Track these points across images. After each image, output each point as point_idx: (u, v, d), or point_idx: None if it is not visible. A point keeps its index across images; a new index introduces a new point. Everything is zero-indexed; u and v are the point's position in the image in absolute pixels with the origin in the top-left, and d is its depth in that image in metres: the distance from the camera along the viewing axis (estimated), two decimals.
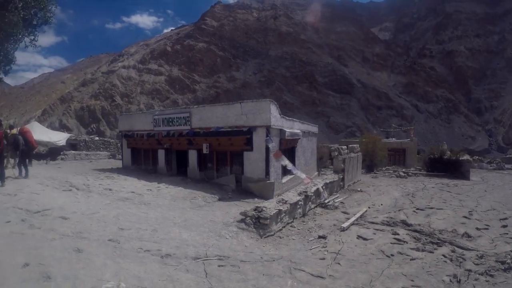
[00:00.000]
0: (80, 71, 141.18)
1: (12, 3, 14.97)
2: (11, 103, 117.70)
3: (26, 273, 4.17)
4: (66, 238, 5.62)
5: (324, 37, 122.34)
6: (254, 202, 10.30)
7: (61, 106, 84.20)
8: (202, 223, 7.22)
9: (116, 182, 12.59)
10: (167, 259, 5.03)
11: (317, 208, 10.35)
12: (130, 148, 18.82)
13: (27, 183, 10.73)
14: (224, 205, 9.82)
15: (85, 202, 8.67)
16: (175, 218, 7.52)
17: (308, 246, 6.36)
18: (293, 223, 8.34)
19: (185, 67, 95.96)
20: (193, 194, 10.80)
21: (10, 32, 15.12)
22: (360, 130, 79.06)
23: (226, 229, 6.89)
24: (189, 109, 14.91)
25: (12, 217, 6.58)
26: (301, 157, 16.70)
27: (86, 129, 74.20)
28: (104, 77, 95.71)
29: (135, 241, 5.64)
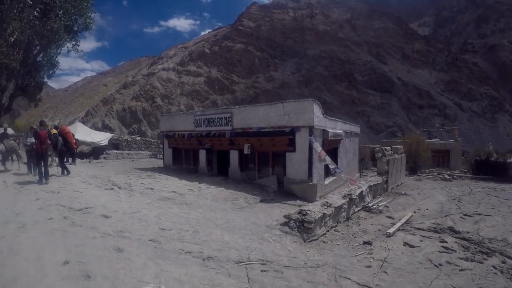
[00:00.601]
0: (121, 74, 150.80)
1: (53, 12, 16.50)
2: (55, 105, 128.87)
3: (65, 271, 4.28)
4: (107, 237, 5.78)
5: (362, 35, 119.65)
6: (297, 204, 10.29)
7: (104, 108, 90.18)
8: (245, 225, 7.16)
9: (157, 182, 12.95)
10: (209, 262, 5.01)
11: (361, 212, 10.24)
12: (172, 148, 19.49)
13: (71, 181, 11.38)
14: (266, 207, 9.79)
15: (126, 201, 8.96)
16: (217, 219, 7.51)
17: (353, 252, 6.32)
18: (337, 227, 8.25)
19: (224, 68, 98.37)
20: (234, 195, 10.86)
21: (52, 38, 16.59)
22: (401, 130, 76.97)
23: (269, 232, 6.84)
24: (230, 110, 15.23)
25: (55, 214, 6.93)
26: (343, 158, 16.74)
27: (128, 129, 78.68)
28: (145, 79, 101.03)
29: (176, 242, 5.67)
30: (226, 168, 15.36)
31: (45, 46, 17.51)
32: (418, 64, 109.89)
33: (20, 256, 4.67)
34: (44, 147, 10.65)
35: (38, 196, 8.55)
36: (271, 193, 11.80)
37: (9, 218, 6.46)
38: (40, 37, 16.09)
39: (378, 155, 14.87)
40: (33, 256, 4.67)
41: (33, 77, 18.97)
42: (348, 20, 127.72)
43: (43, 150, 10.62)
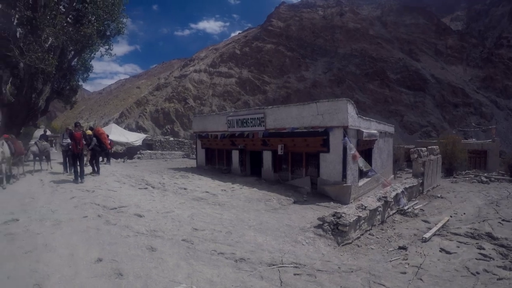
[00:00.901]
0: (153, 76, 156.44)
1: (86, 18, 17.42)
2: (91, 107, 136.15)
3: (98, 269, 4.37)
4: (140, 236, 5.88)
5: (393, 31, 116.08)
6: (330, 206, 10.21)
7: (137, 109, 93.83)
8: (278, 227, 7.10)
9: (190, 182, 13.15)
10: (241, 263, 4.97)
11: (396, 215, 9.96)
12: (204, 148, 19.85)
13: (105, 180, 11.86)
14: (300, 208, 9.73)
15: (160, 201, 9.13)
16: (250, 220, 7.49)
17: (387, 257, 6.22)
18: (372, 230, 8.06)
19: (255, 68, 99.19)
20: (267, 195, 10.85)
21: (86, 43, 17.47)
22: (436, 130, 73.80)
23: (303, 234, 6.74)
24: (263, 110, 15.32)
25: (89, 213, 7.20)
26: (377, 159, 16.54)
27: (161, 130, 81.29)
28: (177, 81, 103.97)
29: (209, 243, 5.67)
30: (259, 169, 15.42)
31: (79, 51, 18.50)
32: (451, 60, 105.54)
33: (54, 252, 4.84)
34: (79, 148, 11.21)
35: (74, 195, 8.94)
36: (305, 195, 11.79)
37: (45, 215, 6.76)
38: (74, 42, 16.95)
39: (413, 156, 14.50)
40: (67, 253, 4.82)
41: (68, 81, 20.17)
42: (379, 17, 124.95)
43: (78, 151, 11.18)
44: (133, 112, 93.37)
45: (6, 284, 3.93)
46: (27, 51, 14.28)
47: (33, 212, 6.95)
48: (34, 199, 8.20)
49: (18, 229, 5.80)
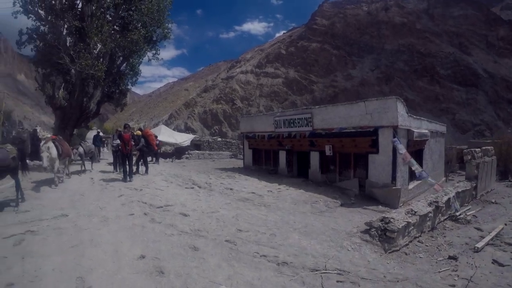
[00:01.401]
0: (201, 78, 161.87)
1: (132, 24, 18.62)
2: (141, 110, 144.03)
3: (140, 265, 4.51)
4: (184, 235, 6.00)
5: (441, 24, 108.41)
6: (378, 210, 9.89)
7: (186, 111, 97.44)
8: (323, 231, 6.90)
9: (237, 182, 13.28)
10: (283, 267, 4.87)
11: (447, 221, 9.45)
12: (251, 148, 20.07)
13: (153, 179, 12.34)
14: (347, 211, 9.48)
15: (205, 201, 9.30)
16: (295, 223, 7.36)
17: (436, 267, 5.95)
18: (421, 238, 7.68)
19: (301, 68, 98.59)
20: (314, 197, 10.69)
21: (133, 49, 18.66)
22: (490, 129, 68.13)
23: (349, 239, 6.52)
24: (310, 110, 15.23)
25: (136, 210, 7.50)
26: (428, 161, 15.85)
27: (209, 130, 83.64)
28: (224, 82, 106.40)
29: (252, 245, 5.63)
30: (306, 170, 15.28)
31: (127, 56, 19.81)
32: (504, 53, 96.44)
33: (99, 248, 5.09)
34: (128, 148, 11.88)
35: (122, 193, 9.40)
36: (352, 197, 11.57)
37: (93, 212, 7.17)
38: (122, 48, 18.22)
39: (467, 158, 13.70)
40: (112, 249, 5.04)
41: (117, 85, 21.60)
42: (425, 9, 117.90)
43: (127, 151, 11.85)
44: (182, 114, 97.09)
45: (50, 276, 4.15)
46: (77, 58, 15.56)
47: (82, 208, 7.40)
48: (84, 196, 8.74)
49: (67, 224, 6.19)
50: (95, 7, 16.80)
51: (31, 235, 5.59)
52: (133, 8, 18.53)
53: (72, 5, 17.62)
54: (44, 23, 17.34)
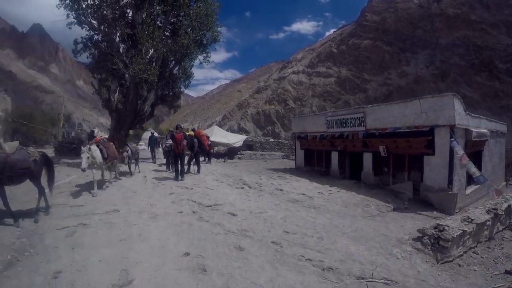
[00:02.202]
0: (253, 80, 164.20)
1: (182, 29, 19.37)
2: (195, 111, 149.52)
3: (184, 262, 4.61)
4: (230, 234, 6.04)
5: (497, 14, 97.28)
6: (433, 216, 9.32)
7: (239, 112, 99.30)
8: (373, 236, 6.58)
9: (287, 183, 13.16)
10: (328, 273, 4.69)
11: (506, 231, 8.63)
12: (303, 149, 19.87)
13: (204, 179, 12.63)
14: (399, 216, 8.99)
15: (255, 201, 9.32)
16: (344, 226, 7.10)
17: (491, 282, 5.47)
18: (476, 248, 7.05)
19: (353, 66, 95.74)
20: (366, 200, 10.26)
21: (184, 53, 19.59)
22: None
23: (399, 247, 6.16)
24: (363, 109, 14.76)
25: (185, 208, 7.71)
26: (488, 163, 14.80)
27: (262, 131, 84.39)
28: (276, 83, 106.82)
29: (298, 248, 5.51)
30: (358, 171, 14.79)
31: (179, 60, 20.77)
32: None
33: (146, 243, 5.30)
34: (180, 148, 12.27)
35: (173, 191, 9.71)
36: (406, 201, 10.98)
37: (144, 208, 7.50)
38: (173, 52, 19.11)
39: None
40: (158, 245, 5.22)
41: (171, 88, 22.70)
42: None
43: (179, 151, 12.26)
44: (235, 115, 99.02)
45: (97, 266, 4.42)
46: (130, 64, 16.60)
47: (134, 205, 7.78)
48: (136, 193, 9.19)
49: (118, 219, 6.54)
50: (145, 15, 17.88)
51: (83, 228, 5.99)
52: (182, 14, 19.41)
53: (123, 14, 18.87)
54: (98, 32, 18.79)
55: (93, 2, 17.67)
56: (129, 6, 18.60)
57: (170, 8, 18.20)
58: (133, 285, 3.97)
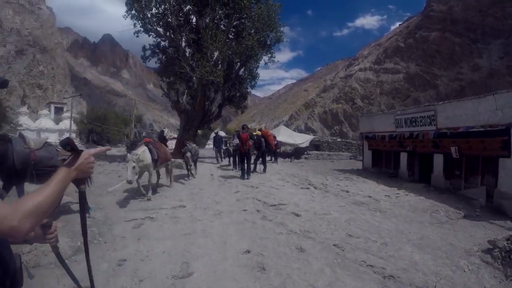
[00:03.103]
0: (319, 79, 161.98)
1: (245, 31, 19.77)
2: (262, 111, 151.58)
3: (244, 259, 4.69)
4: (293, 235, 5.99)
5: None
6: (507, 226, 8.24)
7: (306, 111, 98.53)
8: (440, 245, 6.04)
9: (354, 184, 12.78)
10: (389, 281, 4.42)
11: None
12: (371, 149, 19.10)
13: (270, 178, 12.78)
14: (469, 224, 8.14)
15: (319, 202, 9.18)
16: (410, 233, 6.65)
17: None
18: None
19: (422, 61, 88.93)
20: (435, 206, 9.51)
21: (249, 54, 19.86)
22: None
23: (467, 258, 5.55)
24: (433, 107, 13.70)
25: (249, 207, 7.84)
26: None
27: (330, 131, 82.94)
28: (343, 81, 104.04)
29: (360, 252, 5.28)
30: (428, 174, 13.73)
31: (244, 61, 21.26)
32: None
33: (209, 238, 5.51)
34: (245, 147, 12.56)
35: (238, 189, 9.99)
36: (478, 208, 9.86)
37: (209, 205, 7.82)
38: (238, 54, 19.58)
39: None
40: (220, 241, 5.38)
41: (237, 89, 23.28)
42: None
43: (245, 150, 12.56)
44: (302, 114, 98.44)
45: (159, 257, 4.69)
46: (196, 67, 17.36)
47: (199, 201, 8.14)
48: (203, 190, 9.62)
49: (183, 214, 6.91)
50: (208, 20, 18.58)
51: (150, 221, 6.42)
52: (244, 16, 19.83)
53: (187, 20, 19.84)
54: (164, 39, 20.01)
55: (157, 11, 18.83)
56: (192, 13, 19.51)
57: (232, 11, 18.74)
58: (192, 277, 4.12)
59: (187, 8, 19.19)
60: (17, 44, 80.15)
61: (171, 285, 3.94)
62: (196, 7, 18.81)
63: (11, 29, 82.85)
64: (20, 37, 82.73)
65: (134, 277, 4.12)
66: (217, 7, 18.93)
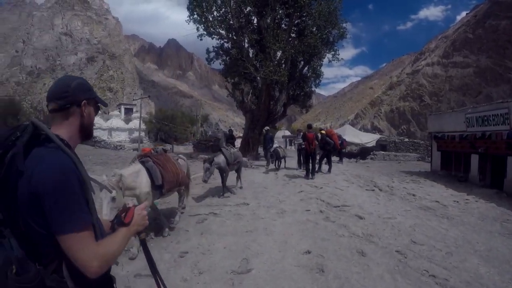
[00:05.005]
0: (385, 75, 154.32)
1: (307, 29, 19.46)
2: (326, 110, 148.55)
3: (304, 259, 4.67)
4: (355, 238, 5.83)
5: None
6: None
7: (372, 110, 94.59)
8: (509, 259, 5.38)
9: (421, 188, 12.04)
10: None
11: None
12: (440, 151, 17.66)
13: (335, 178, 12.52)
14: None
15: (384, 205, 8.79)
16: (478, 243, 6.05)
17: None
18: None
19: (493, 53, 79.55)
20: (506, 215, 8.57)
21: (312, 52, 19.47)
22: None
23: None
24: (507, 104, 12.28)
25: (313, 207, 7.76)
26: None
27: (397, 130, 78.73)
28: (410, 78, 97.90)
29: (423, 261, 4.95)
30: (501, 179, 12.29)
31: (308, 60, 20.91)
32: None
33: (270, 236, 5.58)
34: (311, 147, 12.35)
35: (302, 189, 9.93)
36: None
37: (273, 204, 7.89)
38: (301, 53, 19.40)
39: None
40: (281, 240, 5.42)
41: (301, 88, 23.04)
42: None
43: (311, 150, 12.36)
44: (368, 113, 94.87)
45: (220, 252, 4.88)
46: (260, 67, 17.45)
47: (263, 199, 8.27)
48: (267, 189, 9.74)
49: (246, 211, 7.08)
50: (269, 20, 18.50)
51: (213, 217, 6.69)
52: (305, 14, 19.57)
53: (248, 21, 20.02)
54: (227, 40, 20.39)
55: (218, 14, 19.23)
56: (253, 14, 19.68)
57: (292, 10, 18.64)
58: (251, 274, 4.21)
59: (248, 9, 19.48)
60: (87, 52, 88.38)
61: (229, 279, 4.05)
62: (256, 8, 19.04)
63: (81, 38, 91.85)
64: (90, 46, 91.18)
65: (194, 269, 4.31)
66: (277, 6, 18.92)
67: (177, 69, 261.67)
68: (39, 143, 1.31)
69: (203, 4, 18.47)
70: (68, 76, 1.56)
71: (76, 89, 1.48)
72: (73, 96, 1.46)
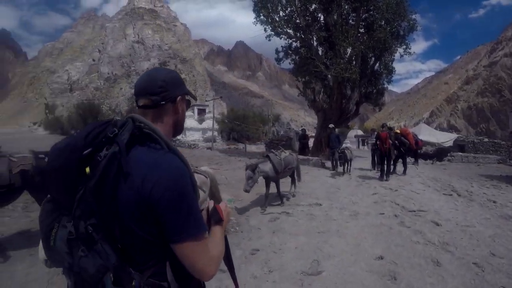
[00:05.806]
0: (460, 68, 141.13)
1: (376, 23, 18.32)
2: (400, 108, 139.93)
3: (375, 265, 4.56)
4: (430, 245, 5.52)
5: None
6: None
7: (448, 107, 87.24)
8: None
9: (502, 194, 10.86)
10: None
11: None
12: None
13: (410, 181, 11.94)
14: None
15: (462, 211, 8.13)
16: None
17: None
18: None
19: None
20: None
21: (382, 47, 18.67)
22: None
23: None
24: None
25: (387, 210, 7.51)
26: None
27: (475, 129, 71.65)
28: (487, 70, 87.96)
29: (501, 275, 4.52)
30: None
31: (378, 55, 20.09)
32: None
33: (343, 239, 5.52)
34: (385, 147, 11.90)
35: (376, 191, 9.65)
36: None
37: (345, 205, 7.78)
38: (371, 49, 18.51)
39: None
40: (353, 243, 5.34)
41: (373, 85, 22.05)
42: None
43: (385, 150, 11.92)
44: (444, 111, 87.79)
45: (291, 252, 4.91)
46: (331, 65, 17.03)
47: (336, 200, 8.20)
48: (340, 190, 9.63)
49: (319, 212, 7.07)
50: (336, 16, 17.89)
51: (286, 216, 6.76)
52: (372, 8, 18.66)
53: (315, 19, 19.58)
54: (295, 39, 20.10)
55: (284, 14, 19.06)
56: (319, 11, 19.19)
57: (358, 4, 18.01)
58: (321, 276, 4.19)
59: (313, 7, 19.01)
60: (159, 58, 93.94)
61: (299, 280, 4.05)
62: (321, 5, 18.59)
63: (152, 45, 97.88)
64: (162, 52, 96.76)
65: (264, 267, 4.37)
66: (343, 2, 18.40)
67: (247, 70, 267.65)
68: (139, 142, 1.19)
69: (268, 5, 18.53)
70: (159, 69, 1.40)
71: (172, 84, 1.35)
72: (169, 92, 1.33)
